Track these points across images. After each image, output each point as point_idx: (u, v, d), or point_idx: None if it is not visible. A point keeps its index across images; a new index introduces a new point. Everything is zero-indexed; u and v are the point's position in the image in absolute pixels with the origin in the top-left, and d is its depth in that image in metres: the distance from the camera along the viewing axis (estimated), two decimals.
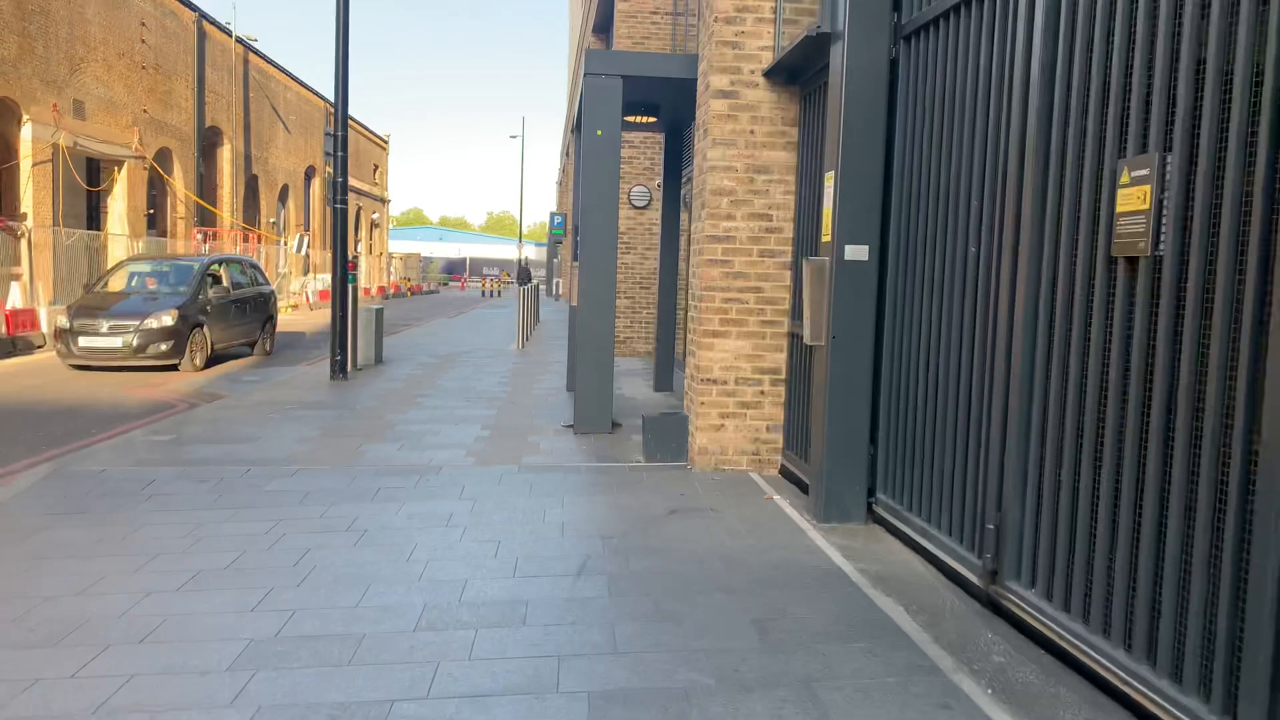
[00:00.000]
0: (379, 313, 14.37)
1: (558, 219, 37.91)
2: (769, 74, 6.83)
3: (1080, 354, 3.75)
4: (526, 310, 17.94)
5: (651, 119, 10.04)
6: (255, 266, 17.50)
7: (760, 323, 6.98)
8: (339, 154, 12.05)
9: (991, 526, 4.26)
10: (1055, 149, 3.95)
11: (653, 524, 5.77)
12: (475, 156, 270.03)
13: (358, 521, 5.79)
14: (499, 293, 50.65)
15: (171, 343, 13.67)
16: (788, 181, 6.93)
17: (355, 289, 13.14)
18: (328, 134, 12.61)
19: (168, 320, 13.69)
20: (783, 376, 7.03)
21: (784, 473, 6.97)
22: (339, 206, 12.16)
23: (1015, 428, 4.13)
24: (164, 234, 29.15)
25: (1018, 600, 4.08)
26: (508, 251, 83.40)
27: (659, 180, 15.52)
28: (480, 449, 7.96)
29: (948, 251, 4.93)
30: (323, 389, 11.49)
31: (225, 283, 15.64)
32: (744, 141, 6.88)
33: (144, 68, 27.00)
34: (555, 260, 49.33)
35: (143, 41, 26.85)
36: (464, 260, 77.04)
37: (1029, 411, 4.07)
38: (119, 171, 26.09)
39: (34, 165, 22.17)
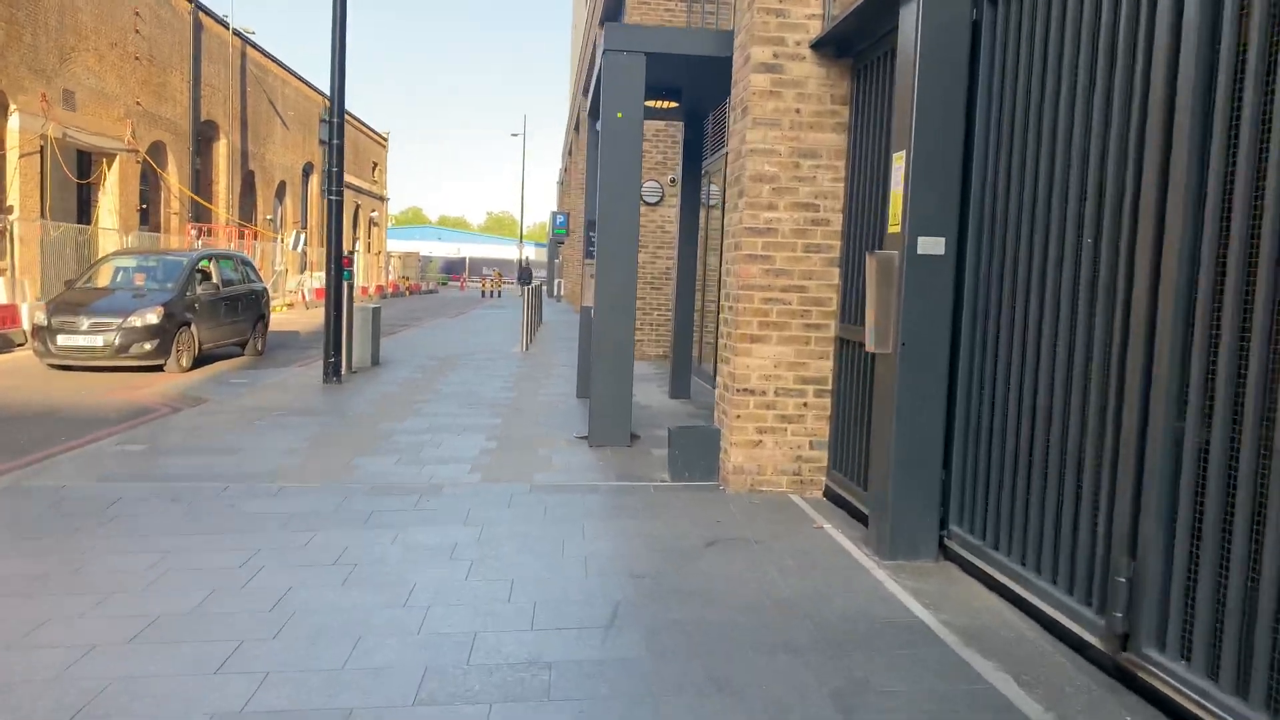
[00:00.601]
0: (376, 312, 13.56)
1: (560, 218, 37.08)
2: (817, 45, 6.02)
3: (1264, 360, 2.94)
4: (530, 312, 17.13)
5: (672, 104, 9.23)
6: (247, 263, 16.67)
7: (804, 326, 6.18)
8: (334, 142, 11.23)
9: (1122, 579, 3.45)
10: (1222, 111, 3.14)
11: (689, 558, 4.95)
12: (475, 156, 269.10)
13: (348, 552, 4.97)
14: (499, 293, 49.81)
15: (156, 342, 12.84)
16: (836, 167, 6.13)
17: (351, 287, 12.33)
18: (323, 121, 11.75)
19: (152, 318, 12.86)
20: (829, 387, 6.22)
21: (830, 496, 6.16)
22: (334, 198, 11.34)
23: (1158, 450, 3.32)
24: (157, 229, 28.30)
25: (1163, 675, 3.27)
26: (508, 251, 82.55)
27: (672, 175, 14.71)
28: (486, 463, 7.15)
29: (1050, 242, 4.13)
30: (314, 393, 10.66)
31: (215, 279, 14.81)
32: (788, 122, 6.07)
33: (138, 59, 26.16)
34: (557, 261, 48.52)
35: (136, 32, 26.01)
36: (463, 260, 76.16)
37: (1180, 430, 3.27)
38: (109, 165, 25.26)
39: (21, 157, 21.32)
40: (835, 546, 5.19)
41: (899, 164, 4.86)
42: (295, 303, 30.27)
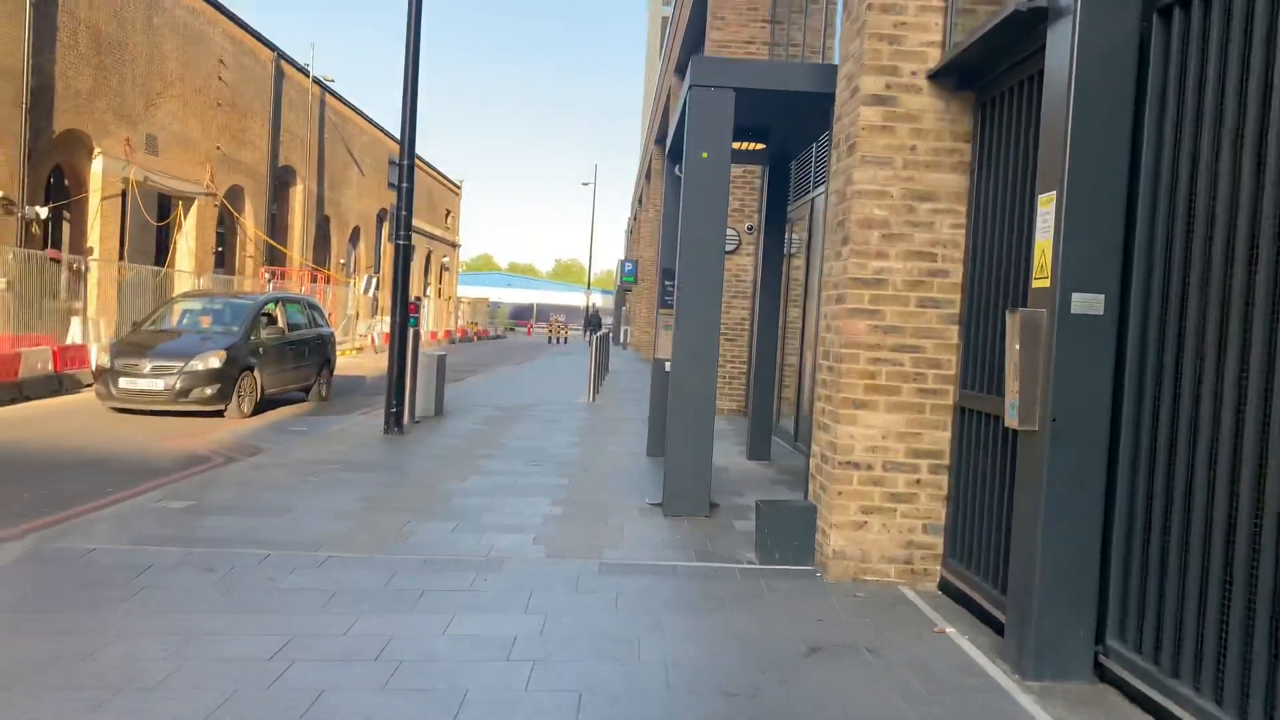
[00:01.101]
0: (441, 360, 13.05)
1: (628, 266, 36.71)
2: (936, 76, 5.31)
3: None
4: (596, 360, 16.52)
5: (759, 145, 8.58)
6: (315, 307, 16.40)
7: (918, 391, 5.38)
8: (404, 185, 10.82)
9: None
10: None
11: (790, 670, 4.15)
12: (545, 204, 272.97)
13: (391, 645, 4.28)
14: (565, 339, 49.57)
15: (217, 386, 12.49)
16: (957, 212, 5.37)
17: (417, 334, 11.84)
18: (392, 163, 11.45)
19: (215, 362, 12.53)
20: (945, 462, 5.40)
21: (947, 589, 5.31)
22: (402, 244, 10.90)
23: None
24: (232, 272, 28.56)
25: None
26: (575, 299, 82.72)
27: (750, 224, 14.05)
28: (550, 533, 6.44)
29: (1243, 300, 3.32)
30: (374, 445, 10.12)
31: (280, 323, 14.51)
32: (901, 160, 5.35)
33: (220, 105, 26.57)
34: (624, 309, 48.14)
35: (220, 79, 26.46)
36: (531, 306, 76.47)
37: None
38: (182, 208, 25.54)
39: (103, 199, 21.58)
40: (964, 660, 4.34)
41: (1046, 208, 4.09)
42: (365, 347, 30.22)
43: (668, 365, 9.55)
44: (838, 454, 5.38)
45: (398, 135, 10.70)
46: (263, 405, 13.82)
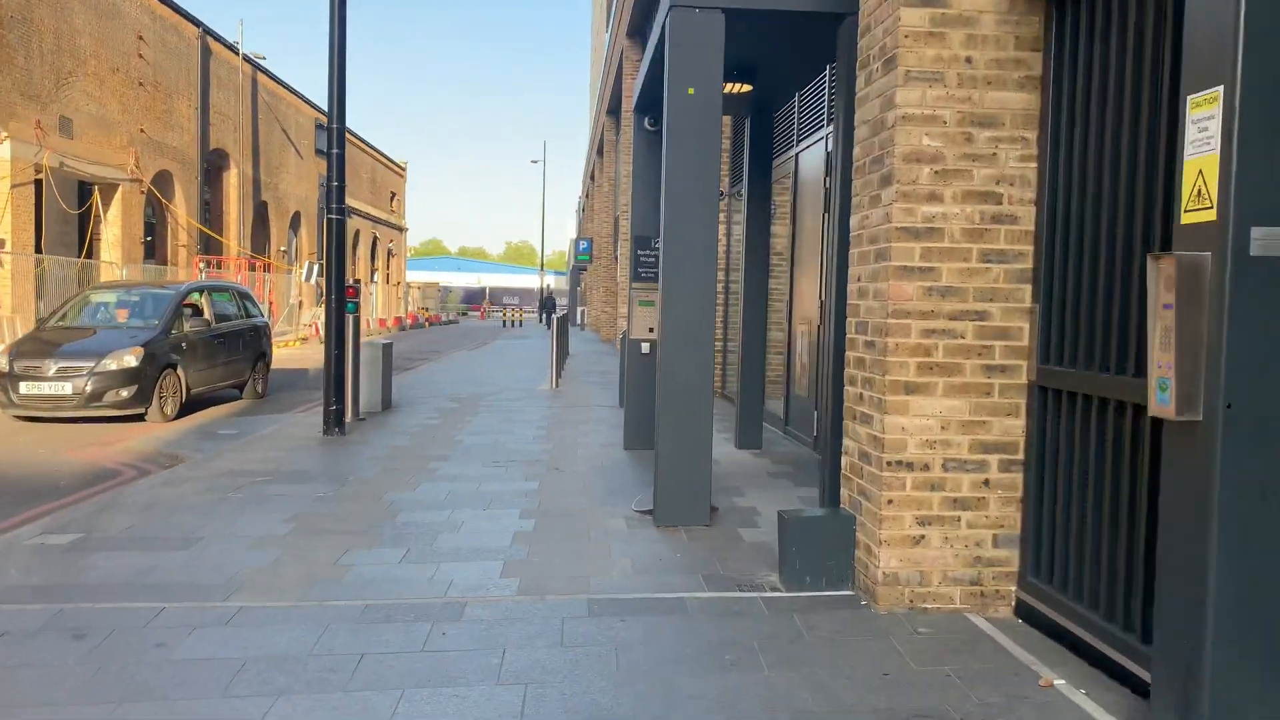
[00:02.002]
0: (387, 349, 11.69)
1: (582, 244, 35.34)
2: None
3: None
4: (557, 344, 15.23)
5: (745, 87, 7.35)
6: (246, 295, 14.88)
7: (983, 369, 4.23)
8: (334, 151, 9.41)
9: None
10: None
11: None
12: (494, 186, 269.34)
13: None
14: (520, 322, 48.06)
15: (134, 388, 11.01)
16: (1026, 140, 4.20)
17: (357, 321, 10.47)
18: (319, 127, 9.98)
19: (130, 360, 11.04)
20: (1019, 456, 4.26)
21: (1028, 615, 4.17)
22: (335, 217, 9.51)
23: None
24: (164, 262, 26.72)
25: None
26: (528, 280, 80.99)
27: (728, 183, 12.81)
28: (523, 559, 5.20)
29: None
30: (311, 449, 8.77)
31: (206, 314, 13.00)
32: (955, 76, 4.16)
33: (141, 84, 24.64)
34: (579, 289, 46.75)
35: (140, 56, 24.51)
36: (483, 290, 74.62)
37: None
38: (104, 196, 23.63)
39: (13, 187, 19.70)
40: None
41: (1204, 111, 2.92)
42: (309, 336, 28.55)
43: (645, 346, 8.33)
44: (885, 452, 4.21)
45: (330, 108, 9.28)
46: (189, 406, 12.35)
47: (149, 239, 25.99)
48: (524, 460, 8.18)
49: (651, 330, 8.46)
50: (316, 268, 28.74)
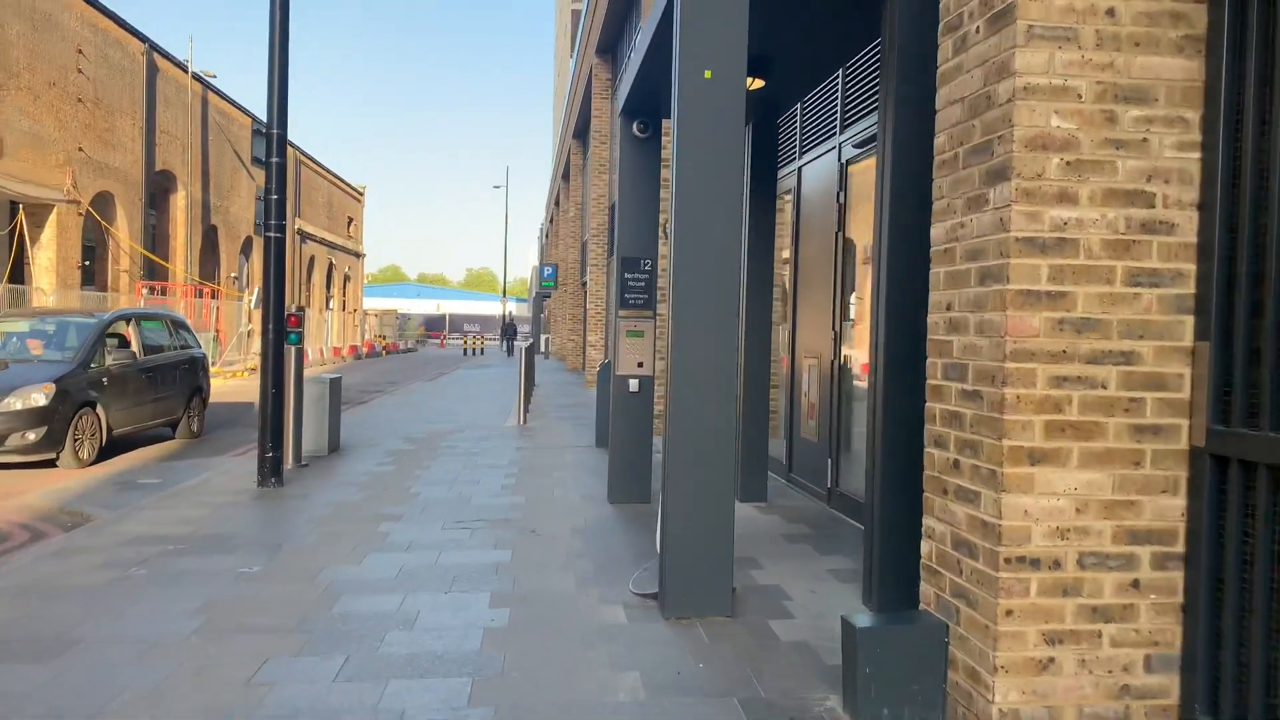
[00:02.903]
0: (335, 384, 10.36)
1: (547, 270, 34.16)
2: None
3: None
4: (524, 376, 13.95)
5: (757, 82, 6.23)
6: (181, 324, 13.45)
7: (1131, 430, 3.09)
8: (274, 160, 8.14)
9: None
10: None
11: None
12: (454, 213, 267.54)
13: None
14: (482, 350, 46.57)
15: (44, 430, 9.57)
16: (1186, 122, 3.10)
17: (299, 354, 9.17)
18: (257, 132, 8.64)
19: (39, 399, 9.60)
20: (1179, 548, 3.12)
21: None
22: (273, 235, 8.22)
23: None
24: (104, 288, 25.02)
25: None
26: (489, 308, 79.47)
27: None
28: (497, 674, 3.94)
29: None
30: (241, 505, 7.43)
31: (134, 345, 11.59)
32: (1093, 34, 3.06)
33: (81, 100, 23.09)
34: (542, 315, 45.47)
35: (80, 71, 22.98)
36: (443, 317, 73.01)
37: None
38: (23, 216, 21.97)
39: None
40: None
41: None
42: (259, 366, 26.93)
43: (633, 383, 7.15)
44: (1002, 544, 3.05)
45: (292, 138, 7.98)
46: (112, 448, 10.91)
47: (87, 263, 24.32)
48: (492, 520, 6.90)
49: (641, 365, 7.28)
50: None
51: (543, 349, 40.45)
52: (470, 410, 15.65)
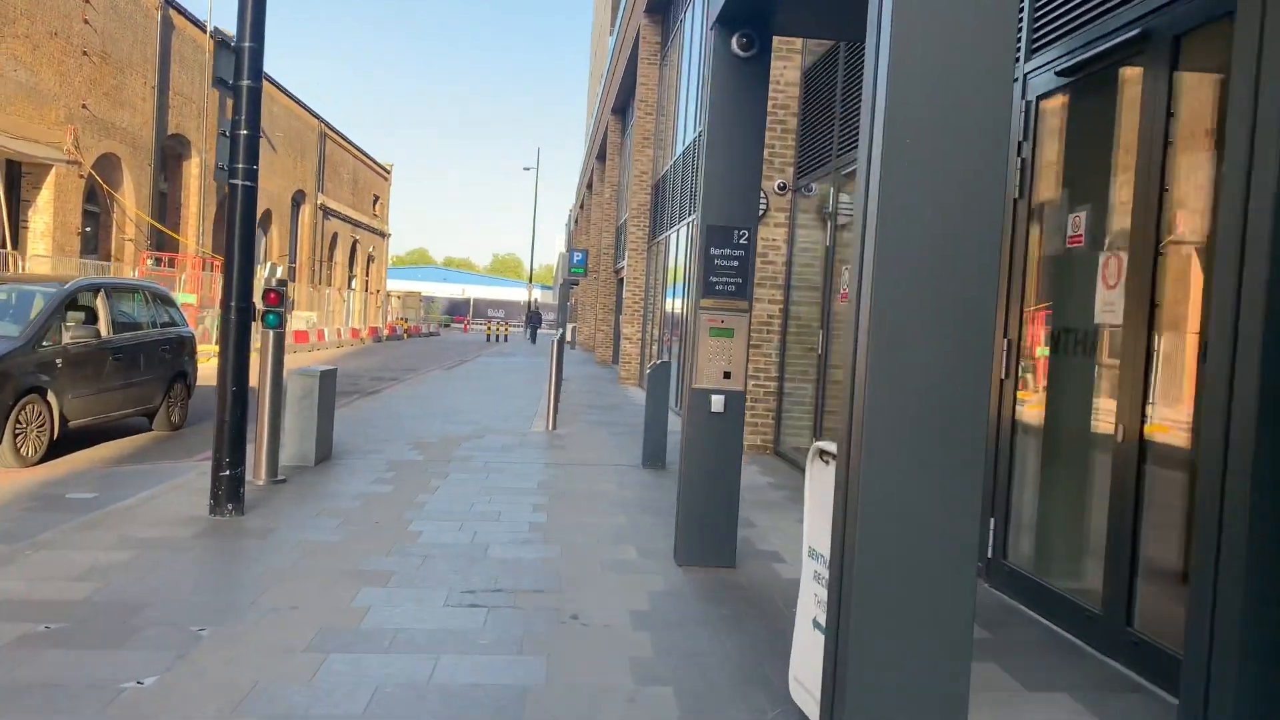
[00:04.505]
0: (327, 379, 8.33)
1: (577, 256, 32.04)
2: None
3: None
4: (556, 374, 11.84)
5: None
6: (164, 298, 11.47)
7: None
8: (245, 84, 6.09)
9: None
10: None
11: None
12: (483, 197, 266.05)
13: None
14: (505, 337, 44.59)
15: None
16: None
17: (280, 340, 7.16)
18: (220, 43, 6.55)
19: None
20: None
21: None
22: (243, 184, 6.18)
23: None
24: (107, 257, 23.20)
25: None
26: (514, 293, 77.52)
27: (781, 180, 9.57)
28: None
29: None
30: (177, 546, 5.40)
31: (102, 321, 9.62)
32: None
33: (86, 54, 21.20)
34: (570, 304, 43.38)
35: (86, 22, 21.09)
36: (468, 301, 71.12)
37: None
38: (29, 177, 20.11)
39: None
40: None
41: None
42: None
43: (716, 400, 5.07)
44: None
45: (318, 110, 6.08)
46: (69, 442, 8.97)
47: (88, 229, 22.48)
48: (515, 589, 4.83)
49: (728, 376, 5.19)
50: (278, 269, 25.18)
51: (569, 339, 38.40)
52: (491, 407, 13.61)
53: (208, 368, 12.80)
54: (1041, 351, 4.97)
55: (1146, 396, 3.97)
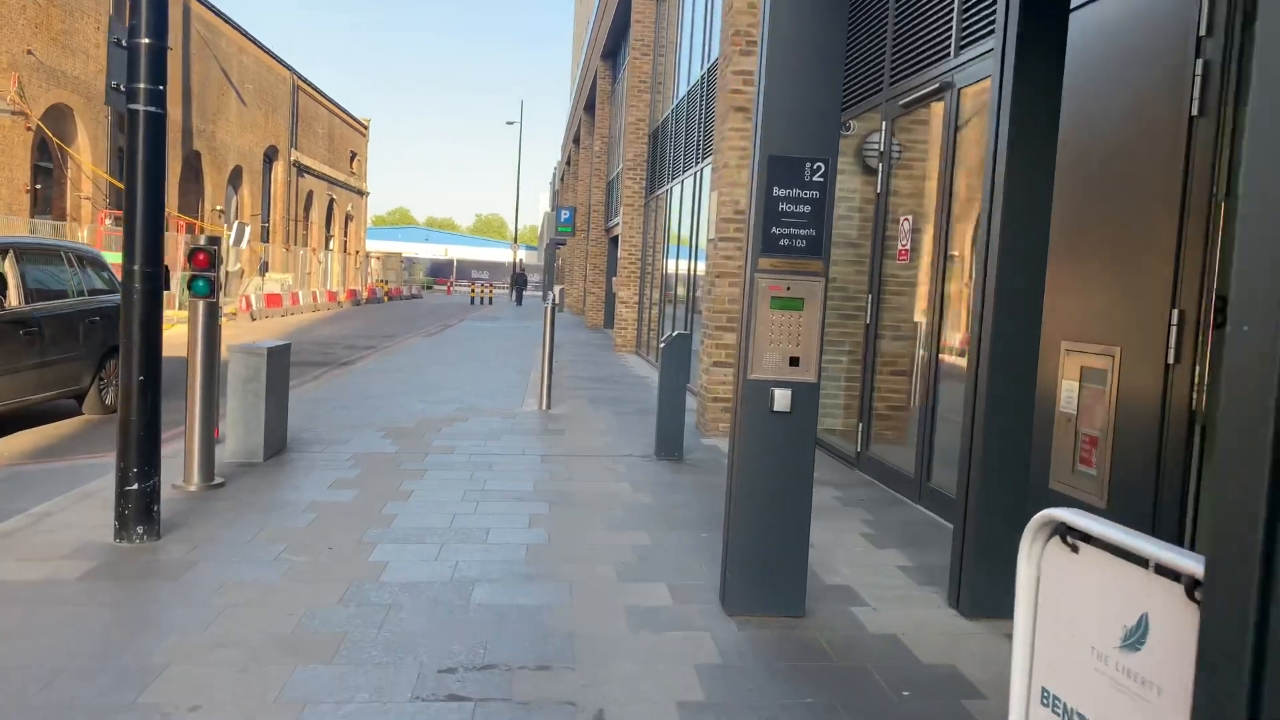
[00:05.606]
0: (278, 355, 6.88)
1: (564, 214, 30.43)
2: None
3: None
4: (549, 345, 10.38)
5: None
6: (93, 260, 9.96)
7: None
8: None
9: None
10: None
11: None
12: (465, 156, 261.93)
13: None
14: (490, 299, 42.97)
15: None
16: None
17: (213, 310, 5.70)
18: None
19: None
20: None
21: None
22: (145, 109, 4.70)
23: None
24: (62, 217, 21.49)
25: None
26: (498, 254, 75.66)
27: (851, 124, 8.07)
28: None
29: None
30: (55, 596, 3.99)
31: (10, 288, 8.12)
32: None
33: None
34: (556, 264, 41.78)
35: None
36: (451, 262, 69.29)
37: None
38: None
39: None
40: None
41: None
42: (239, 311, 23.45)
43: (780, 395, 3.66)
44: None
45: (290, 62, 4.56)
46: None
47: (37, 186, 20.73)
48: (509, 663, 3.45)
49: (796, 363, 3.79)
50: (246, 230, 23.45)
51: (557, 302, 36.90)
52: (477, 380, 12.19)
53: (173, 334, 11.33)
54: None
55: None
